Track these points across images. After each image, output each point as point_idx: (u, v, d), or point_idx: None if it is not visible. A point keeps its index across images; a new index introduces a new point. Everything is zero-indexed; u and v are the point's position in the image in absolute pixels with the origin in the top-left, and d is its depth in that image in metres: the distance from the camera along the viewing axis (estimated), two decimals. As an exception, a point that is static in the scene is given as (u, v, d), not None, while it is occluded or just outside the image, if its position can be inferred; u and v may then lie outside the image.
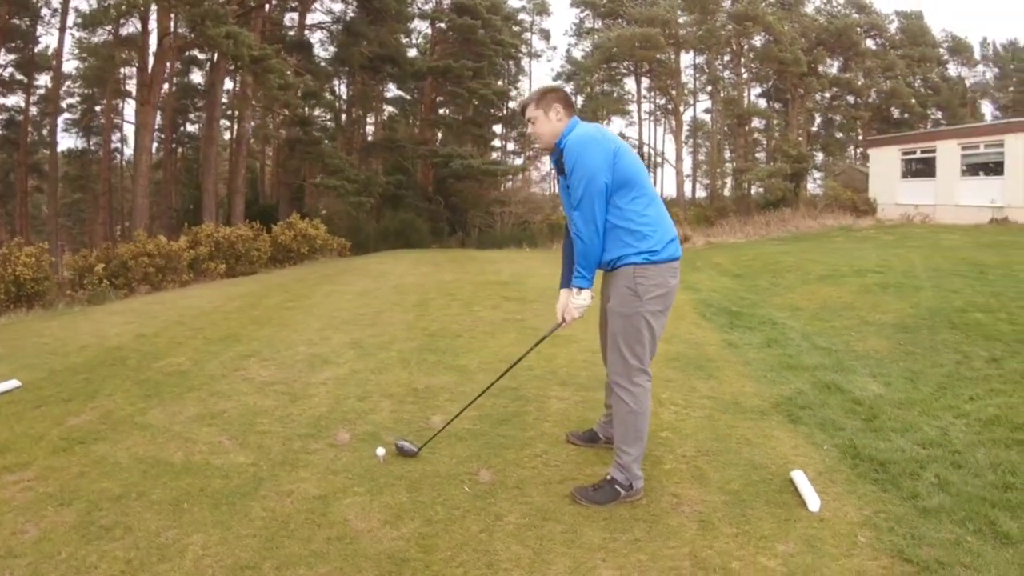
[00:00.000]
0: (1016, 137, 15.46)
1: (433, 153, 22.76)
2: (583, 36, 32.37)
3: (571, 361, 4.32)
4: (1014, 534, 2.02)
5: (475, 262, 11.24)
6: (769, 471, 2.70)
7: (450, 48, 24.48)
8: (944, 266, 8.46)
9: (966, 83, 32.82)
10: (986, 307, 5.52)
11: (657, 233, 2.42)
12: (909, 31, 29.27)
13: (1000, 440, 2.83)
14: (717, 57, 28.73)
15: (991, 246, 10.07)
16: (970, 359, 4.20)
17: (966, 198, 16.22)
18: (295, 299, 6.87)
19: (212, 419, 3.18)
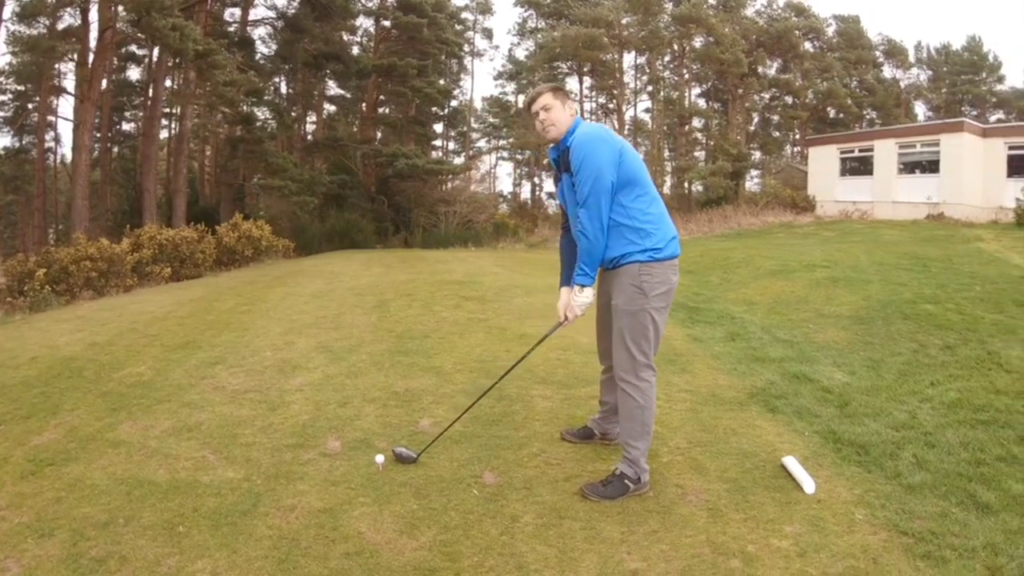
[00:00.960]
0: (951, 137, 16.86)
1: (377, 152, 22.63)
2: (526, 36, 33.02)
3: (545, 359, 4.43)
4: (993, 504, 2.28)
5: (425, 262, 11.28)
6: (760, 458, 2.90)
7: (394, 46, 24.45)
8: (888, 260, 9.12)
9: (900, 84, 35.42)
10: (934, 298, 6.01)
11: (660, 231, 2.55)
12: (846, 34, 31.35)
13: (965, 421, 3.14)
14: (658, 58, 29.81)
15: (930, 241, 10.95)
16: (926, 347, 4.59)
17: (903, 195, 17.51)
18: (250, 303, 6.74)
19: (189, 432, 3.09)
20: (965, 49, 34.84)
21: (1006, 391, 3.42)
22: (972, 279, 6.57)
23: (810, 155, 22.68)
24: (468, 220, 20.63)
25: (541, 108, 2.62)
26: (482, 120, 35.90)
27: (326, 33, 22.41)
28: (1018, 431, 2.89)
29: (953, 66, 34.34)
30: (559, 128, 2.61)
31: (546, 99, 2.61)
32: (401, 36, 24.26)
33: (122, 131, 26.68)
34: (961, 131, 16.78)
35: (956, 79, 33.88)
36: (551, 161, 2.83)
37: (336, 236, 18.45)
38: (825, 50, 30.40)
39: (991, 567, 1.92)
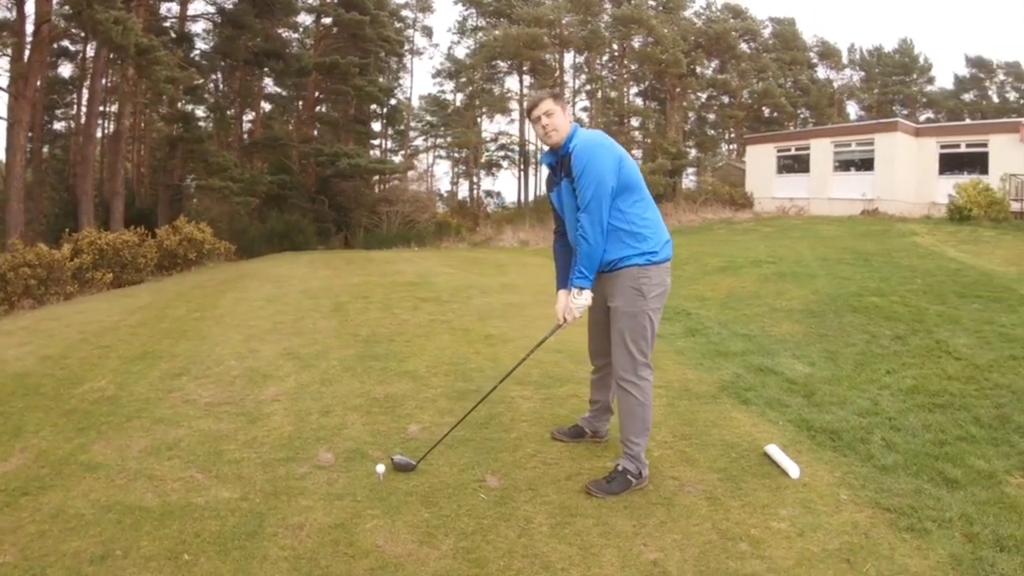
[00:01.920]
0: (885, 136, 18.18)
1: (318, 152, 22.33)
2: (466, 34, 33.38)
3: (515, 360, 4.56)
4: (960, 479, 2.59)
5: (372, 263, 11.26)
6: (743, 448, 3.13)
7: (334, 43, 24.23)
8: (831, 255, 9.76)
9: (834, 85, 38.00)
10: (879, 291, 6.53)
11: (655, 235, 2.73)
12: (782, 36, 33.32)
13: (923, 406, 3.50)
14: (597, 57, 30.69)
15: (867, 235, 11.79)
16: (877, 338, 5.01)
17: (838, 192, 18.73)
18: (202, 309, 6.59)
19: (169, 451, 3.02)
20: (897, 51, 37.65)
21: (957, 377, 3.82)
22: (912, 272, 7.17)
23: (748, 153, 23.84)
24: (410, 220, 20.62)
25: (543, 113, 2.71)
26: (419, 119, 35.98)
27: (267, 30, 22.10)
28: (973, 413, 3.26)
29: (885, 67, 37.06)
30: (561, 133, 2.72)
31: (548, 104, 2.71)
32: (342, 33, 24.12)
33: (53, 130, 25.54)
34: (895, 131, 18.13)
35: (888, 80, 36.58)
36: (546, 166, 2.95)
37: (277, 238, 18.17)
38: (761, 51, 32.17)
39: (968, 534, 2.20)
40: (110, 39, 15.12)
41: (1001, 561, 2.01)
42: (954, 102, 36.73)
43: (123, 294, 9.06)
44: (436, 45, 58.51)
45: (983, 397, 3.47)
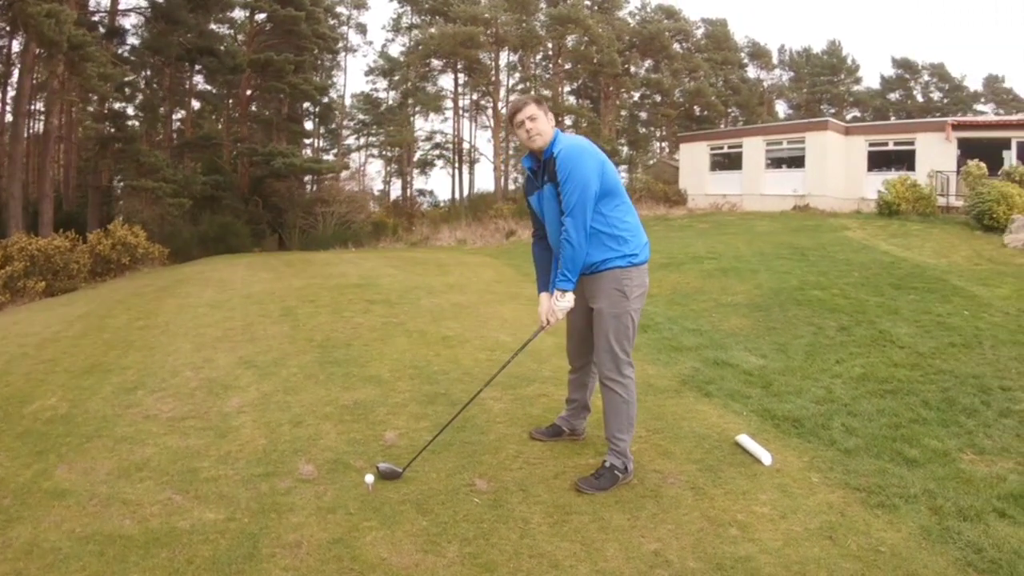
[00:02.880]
0: (816, 135, 19.31)
1: (252, 151, 21.61)
2: (401, 32, 33.25)
3: (476, 361, 4.65)
4: (918, 458, 2.87)
5: (313, 265, 11.08)
6: (714, 439, 3.32)
7: (269, 40, 23.52)
8: (768, 250, 10.30)
9: (764, 84, 40.06)
10: (819, 285, 6.97)
11: (635, 238, 2.86)
12: (714, 36, 34.85)
13: (874, 392, 3.82)
14: (531, 56, 31.22)
15: (800, 230, 12.51)
16: (823, 330, 5.38)
17: (770, 188, 19.75)
18: (144, 317, 6.33)
19: (139, 472, 2.90)
20: (825, 52, 40.01)
21: (903, 364, 4.18)
22: (849, 266, 7.71)
23: (681, 151, 24.74)
24: (346, 220, 20.29)
25: (527, 118, 2.78)
26: (351, 117, 35.55)
27: (200, 25, 21.29)
28: (921, 397, 3.59)
29: (814, 68, 39.31)
30: (545, 138, 2.80)
31: (532, 109, 2.78)
32: (276, 30, 23.48)
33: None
34: (825, 129, 19.30)
35: (816, 80, 38.83)
36: (527, 171, 3.03)
37: (211, 241, 17.59)
38: (694, 51, 33.47)
39: (932, 508, 2.45)
40: (41, 33, 14.22)
41: (966, 530, 2.26)
42: (880, 101, 39.36)
43: (58, 303, 8.67)
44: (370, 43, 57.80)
45: (929, 382, 3.83)
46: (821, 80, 38.69)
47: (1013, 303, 5.53)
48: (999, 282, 6.55)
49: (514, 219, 22.48)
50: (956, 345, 4.41)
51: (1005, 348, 4.34)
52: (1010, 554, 2.05)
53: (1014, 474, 2.63)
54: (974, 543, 2.15)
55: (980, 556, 2.08)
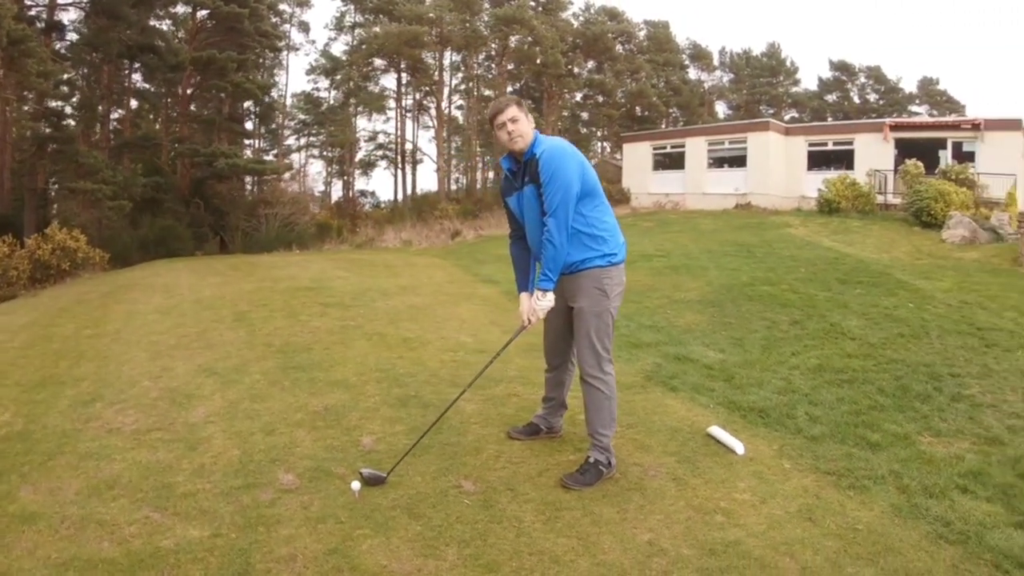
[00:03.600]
0: (757, 135, 20.15)
1: (194, 152, 20.77)
2: (344, 31, 32.82)
3: (441, 363, 4.67)
4: (881, 442, 3.08)
5: (260, 268, 10.85)
6: (687, 431, 3.46)
7: (211, 37, 22.70)
8: (715, 248, 10.69)
9: (705, 85, 41.26)
10: (768, 281, 7.31)
11: (614, 238, 2.94)
12: (656, 38, 35.75)
13: (832, 382, 4.06)
14: (474, 56, 31.37)
15: (744, 228, 13.04)
16: (777, 324, 5.65)
17: (712, 187, 20.47)
18: (92, 325, 6.05)
19: (110, 490, 2.76)
20: (765, 55, 41.55)
21: (856, 355, 4.46)
22: (795, 262, 8.11)
23: (624, 150, 25.33)
24: (289, 222, 19.84)
25: (509, 120, 2.81)
26: (292, 117, 34.82)
27: (142, 21, 20.34)
28: (876, 385, 3.85)
29: (753, 69, 40.76)
30: (526, 139, 2.83)
31: (512, 111, 2.81)
32: (219, 27, 22.66)
33: None
34: (767, 130, 20.18)
35: (756, 81, 40.28)
36: (505, 171, 3.06)
37: (151, 244, 16.94)
38: (636, 52, 34.20)
39: (900, 487, 2.64)
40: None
41: (933, 506, 2.45)
42: (818, 102, 41.14)
43: (-1, 311, 8.12)
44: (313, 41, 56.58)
45: (882, 371, 4.10)
46: (760, 82, 40.20)
47: (955, 295, 5.98)
48: (940, 276, 7.05)
49: (459, 219, 22.51)
50: (905, 336, 4.73)
51: (951, 337, 4.69)
52: (976, 526, 2.25)
53: (971, 453, 2.87)
54: (942, 517, 2.35)
55: (949, 529, 2.27)
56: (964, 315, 5.37)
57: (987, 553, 2.10)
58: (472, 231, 20.14)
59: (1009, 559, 2.04)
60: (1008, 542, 2.13)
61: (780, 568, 2.16)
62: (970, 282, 6.84)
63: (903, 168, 16.17)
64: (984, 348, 4.49)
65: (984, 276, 7.30)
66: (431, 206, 25.05)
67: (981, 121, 17.39)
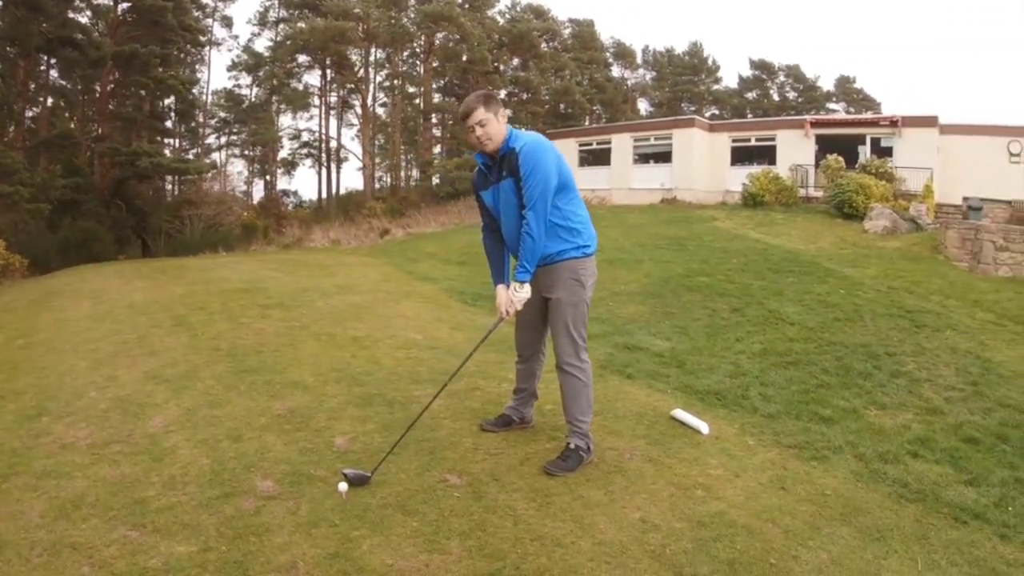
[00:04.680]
0: (682, 132, 20.92)
1: (115, 151, 19.38)
2: (267, 26, 31.70)
3: (397, 361, 4.67)
4: (832, 416, 3.36)
5: (189, 271, 10.40)
6: (651, 416, 3.64)
7: (132, 31, 21.25)
8: (647, 241, 11.10)
9: (628, 83, 42.28)
10: (704, 272, 7.69)
11: (587, 230, 3.05)
12: (581, 36, 36.36)
13: (778, 364, 4.36)
14: (399, 53, 31.09)
15: (672, 222, 13.58)
16: (718, 312, 5.97)
17: (638, 182, 21.14)
18: (22, 335, 5.64)
19: (78, 510, 2.56)
20: (687, 53, 42.97)
21: (797, 338, 4.80)
22: (726, 254, 8.56)
23: (552, 147, 25.64)
24: (214, 223, 18.97)
25: (476, 124, 2.84)
26: (212, 115, 33.21)
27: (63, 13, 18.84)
28: (820, 366, 4.17)
29: (676, 68, 42.06)
30: (495, 141, 2.87)
31: (480, 115, 2.83)
32: (141, 20, 21.22)
33: None
34: (692, 127, 20.99)
35: (678, 79, 41.59)
36: (480, 166, 3.10)
37: (72, 248, 15.78)
38: (561, 51, 34.74)
39: (857, 455, 2.91)
40: None
41: (889, 470, 2.72)
42: (738, 100, 42.93)
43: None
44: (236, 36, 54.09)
45: (823, 353, 4.44)
46: (682, 79, 41.55)
47: (881, 281, 6.51)
48: (866, 264, 7.63)
49: (387, 218, 22.24)
50: (840, 320, 5.14)
51: (883, 320, 5.14)
52: (931, 485, 2.53)
53: (915, 423, 3.19)
54: (900, 480, 2.62)
55: (907, 489, 2.53)
56: (893, 299, 5.88)
57: (944, 508, 2.37)
58: (401, 229, 19.95)
59: (965, 511, 2.33)
60: (961, 497, 2.41)
61: (765, 533, 2.35)
62: (895, 269, 7.45)
63: (824, 163, 17.15)
64: (915, 329, 4.95)
65: (907, 263, 7.97)
66: (358, 205, 24.59)
67: (899, 118, 18.44)
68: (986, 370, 4.22)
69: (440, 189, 26.70)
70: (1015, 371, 4.30)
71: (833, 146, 18.33)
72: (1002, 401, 3.68)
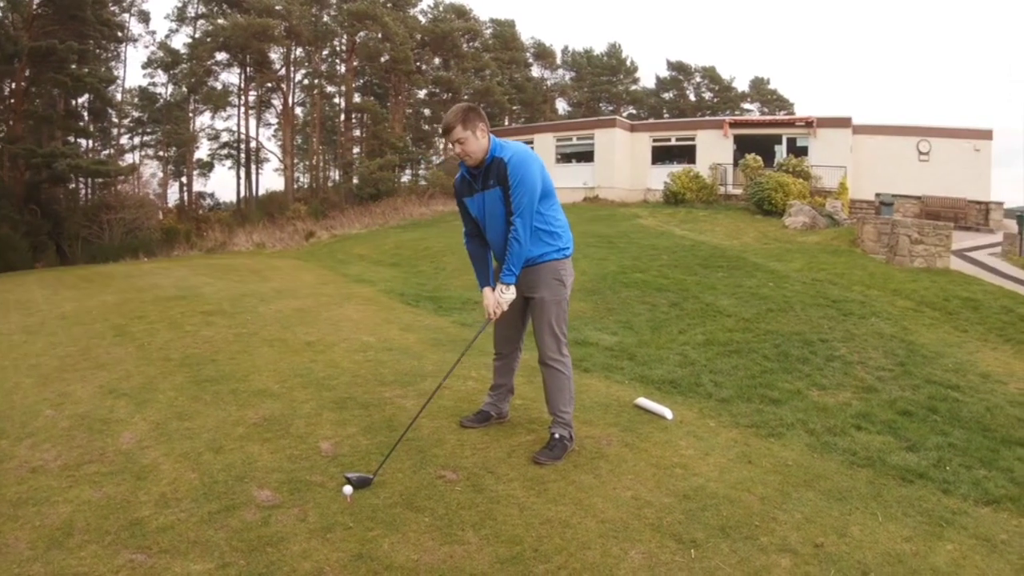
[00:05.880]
0: (604, 132, 21.61)
1: (30, 152, 17.62)
2: (186, 22, 29.83)
3: (357, 363, 4.71)
4: (780, 398, 3.75)
5: (115, 279, 9.82)
6: (616, 406, 3.89)
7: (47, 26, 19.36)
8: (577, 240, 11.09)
9: (547, 83, 42.88)
10: (637, 268, 8.09)
11: (566, 234, 3.27)
12: (502, 37, 36.63)
13: (722, 353, 4.75)
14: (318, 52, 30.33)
15: (596, 220, 14.08)
16: (657, 307, 6.35)
17: (561, 181, 21.62)
18: None
19: (70, 537, 2.44)
20: (606, 54, 43.93)
21: (735, 329, 5.22)
22: (656, 250, 9.04)
23: (473, 147, 25.75)
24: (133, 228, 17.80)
25: (455, 141, 2.98)
26: (125, 114, 30.97)
27: None
28: (761, 353, 4.58)
29: (595, 68, 42.98)
30: (475, 157, 3.02)
31: (458, 133, 2.95)
32: (57, 15, 19.40)
33: None
34: (613, 127, 21.69)
35: (597, 80, 42.52)
36: (464, 175, 3.23)
37: None
38: (482, 50, 34.92)
39: (808, 430, 3.28)
40: None
41: (838, 442, 3.11)
42: (655, 100, 44.32)
43: None
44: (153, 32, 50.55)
45: (762, 341, 4.88)
46: (601, 80, 42.59)
47: (807, 274, 7.10)
48: (790, 258, 8.26)
49: (312, 220, 21.66)
50: (773, 311, 5.63)
51: (813, 310, 5.67)
52: (877, 452, 2.92)
53: (854, 400, 3.63)
54: (849, 449, 3.00)
55: (857, 457, 2.92)
56: (819, 291, 6.46)
57: (891, 470, 2.76)
58: (325, 231, 19.52)
59: (909, 472, 2.72)
60: (905, 461, 2.81)
61: (744, 501, 2.65)
62: (817, 262, 8.10)
63: (743, 162, 18.06)
64: (842, 317, 5.50)
65: (828, 257, 8.66)
66: (279, 206, 23.75)
67: (814, 119, 19.60)
68: (911, 352, 4.81)
69: (362, 190, 26.24)
70: (936, 352, 4.92)
71: (751, 146, 19.35)
72: (928, 378, 4.24)
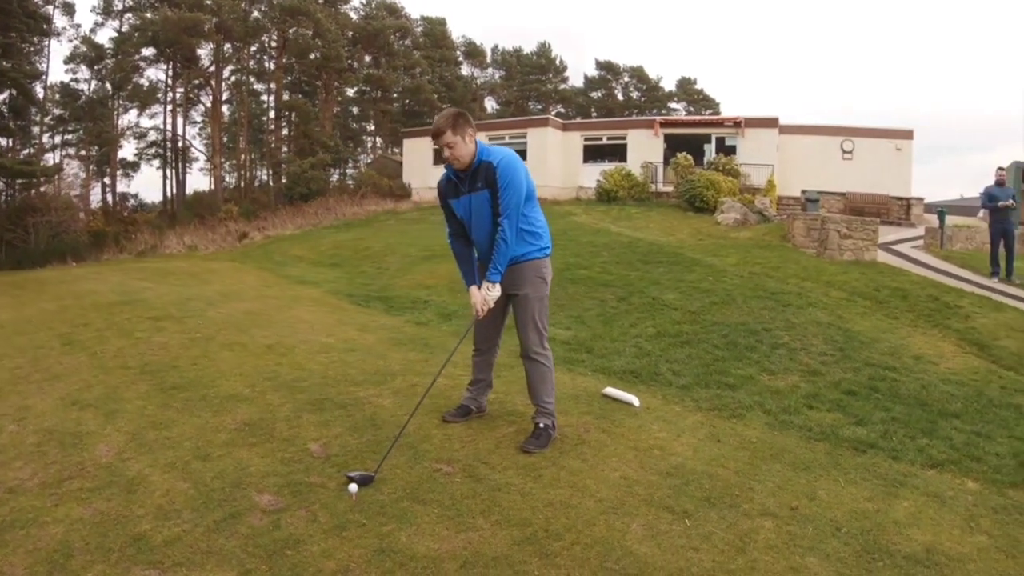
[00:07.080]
0: (537, 131, 21.88)
1: None
2: (112, 16, 27.73)
3: (322, 365, 4.70)
4: (735, 383, 4.08)
5: (48, 285, 9.18)
6: (586, 396, 4.06)
7: None
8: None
9: (477, 81, 42.67)
10: (580, 265, 8.38)
11: (546, 234, 3.42)
12: (432, 35, 36.15)
13: (674, 344, 5.06)
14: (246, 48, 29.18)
15: (536, 220, 14.28)
16: (606, 302, 6.63)
17: (492, 179, 21.81)
18: None
19: (70, 559, 2.33)
20: (535, 53, 44.06)
21: (683, 321, 5.56)
22: (595, 247, 9.36)
23: (405, 146, 25.51)
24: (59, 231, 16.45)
25: (445, 145, 3.08)
26: (47, 111, 28.50)
27: None
28: (711, 343, 4.92)
29: (524, 67, 43.06)
30: (463, 161, 3.12)
31: (448, 137, 3.06)
32: None
33: None
34: (546, 126, 21.92)
35: (526, 78, 42.66)
36: (450, 176, 3.31)
37: None
38: (412, 48, 34.47)
39: (765, 411, 3.60)
40: None
41: (794, 420, 3.44)
42: (584, 99, 44.79)
43: None
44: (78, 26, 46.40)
45: (710, 332, 5.23)
46: (530, 79, 42.75)
47: (743, 268, 7.54)
48: (726, 253, 8.71)
49: (244, 220, 20.83)
50: (717, 303, 6.01)
51: (754, 301, 6.08)
52: (830, 427, 3.26)
53: (802, 383, 4.00)
54: (804, 426, 3.34)
55: (813, 432, 3.25)
56: (757, 284, 6.90)
57: (845, 443, 3.10)
58: (258, 232, 18.83)
59: (861, 443, 3.07)
60: (855, 434, 3.17)
61: (721, 475, 2.91)
62: (752, 257, 8.56)
63: (674, 160, 18.54)
64: (781, 308, 5.93)
65: (762, 251, 9.15)
66: (208, 207, 22.62)
67: (742, 119, 20.25)
68: (848, 338, 5.28)
69: (293, 190, 25.41)
70: (872, 337, 5.42)
71: (681, 145, 19.89)
72: (867, 361, 4.69)
